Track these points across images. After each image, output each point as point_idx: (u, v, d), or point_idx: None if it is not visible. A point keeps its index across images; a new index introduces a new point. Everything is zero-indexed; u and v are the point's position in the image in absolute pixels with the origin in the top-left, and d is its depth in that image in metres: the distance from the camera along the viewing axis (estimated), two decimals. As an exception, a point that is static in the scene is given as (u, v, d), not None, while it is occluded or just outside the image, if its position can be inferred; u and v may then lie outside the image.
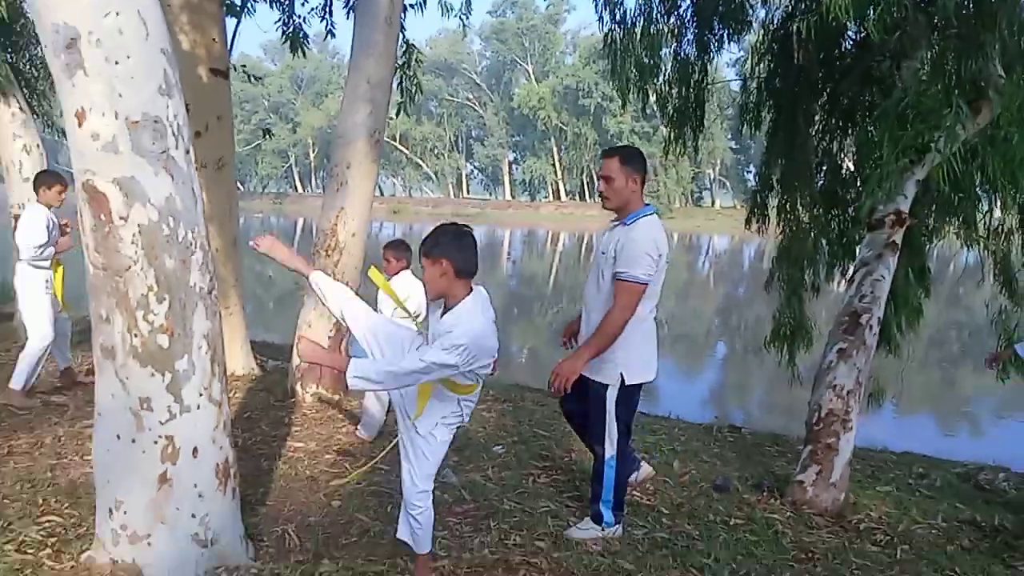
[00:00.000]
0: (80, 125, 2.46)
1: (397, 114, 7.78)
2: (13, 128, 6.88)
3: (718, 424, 6.30)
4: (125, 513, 2.76)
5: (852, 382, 4.14)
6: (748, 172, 61.46)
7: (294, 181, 75.23)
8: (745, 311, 18.88)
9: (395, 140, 60.38)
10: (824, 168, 5.52)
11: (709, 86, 5.82)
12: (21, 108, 7.00)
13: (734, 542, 3.58)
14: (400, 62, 6.64)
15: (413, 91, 7.84)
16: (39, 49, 8.59)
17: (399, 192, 73.45)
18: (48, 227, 5.08)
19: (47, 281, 5.17)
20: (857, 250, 4.81)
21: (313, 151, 70.06)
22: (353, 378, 2.56)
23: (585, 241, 41.35)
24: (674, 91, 5.63)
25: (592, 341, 3.26)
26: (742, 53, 7.24)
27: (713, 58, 5.66)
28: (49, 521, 3.23)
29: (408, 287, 4.66)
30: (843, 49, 5.08)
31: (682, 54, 5.50)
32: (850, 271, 4.57)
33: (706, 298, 22.41)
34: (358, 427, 4.83)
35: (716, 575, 3.21)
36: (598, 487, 3.49)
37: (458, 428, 2.90)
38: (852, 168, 5.53)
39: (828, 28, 3.82)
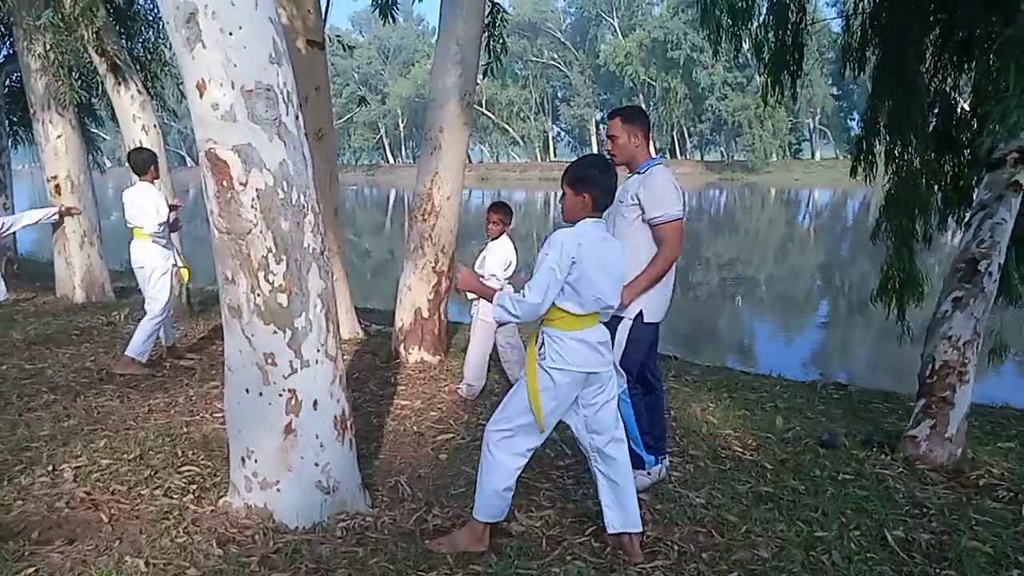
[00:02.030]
0: (201, 96, 2.64)
1: (485, 76, 7.81)
2: (133, 110, 7.35)
3: (822, 381, 6.13)
4: (256, 461, 2.99)
5: (969, 332, 3.94)
6: (851, 120, 58.15)
7: (385, 152, 76.78)
8: (848, 268, 18.07)
9: (481, 106, 60.37)
10: (936, 108, 5.21)
11: (808, 27, 5.55)
12: (139, 91, 7.47)
13: (843, 497, 3.51)
14: (486, 22, 6.65)
15: (499, 52, 7.85)
16: (151, 33, 9.13)
17: (486, 158, 73.76)
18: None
19: (171, 259, 5.47)
20: (974, 194, 4.53)
21: (402, 121, 71.15)
22: (497, 307, 2.71)
23: (676, 200, 40.39)
24: (770, 35, 5.41)
25: (643, 277, 3.33)
26: (844, -10, 6.85)
27: (812, -4, 5.40)
28: (189, 470, 3.53)
29: (508, 251, 4.81)
30: (959, -24, 4.73)
31: (779, -6, 5.26)
32: (967, 217, 4.32)
33: (806, 255, 21.57)
34: (460, 385, 5.00)
35: (825, 529, 3.16)
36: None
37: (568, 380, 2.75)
38: (968, 107, 5.19)
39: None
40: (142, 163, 5.43)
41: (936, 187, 5.20)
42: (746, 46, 5.66)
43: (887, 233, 5.28)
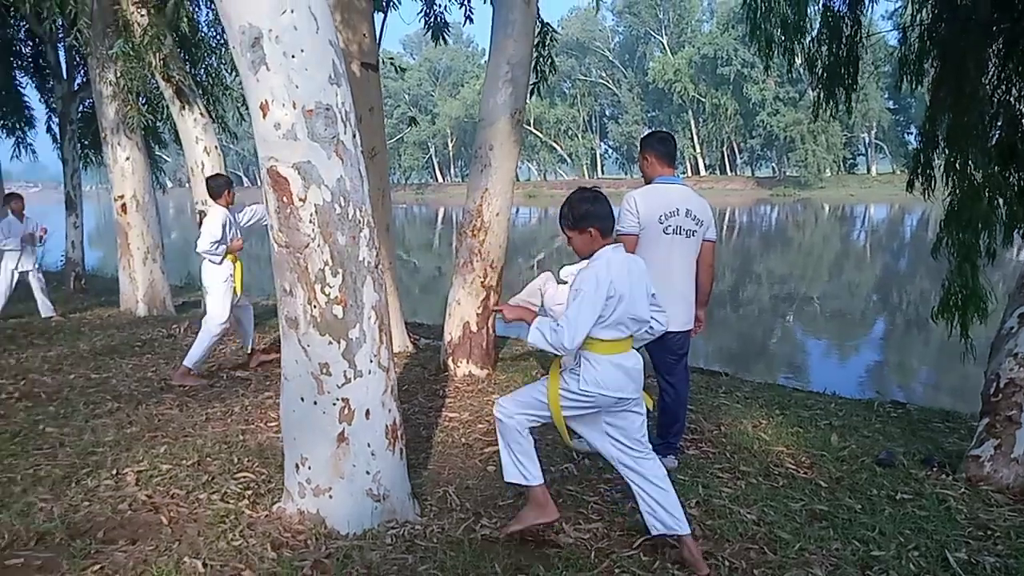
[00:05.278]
0: (264, 116, 2.75)
1: (533, 95, 7.92)
2: (196, 132, 7.66)
3: (879, 400, 5.96)
4: (309, 468, 3.07)
5: (1037, 349, 3.79)
6: (908, 134, 56.67)
7: (434, 171, 77.83)
8: (907, 284, 17.55)
9: (529, 124, 60.77)
10: (999, 120, 5.05)
11: (863, 40, 5.47)
12: (202, 113, 7.78)
13: (901, 516, 3.41)
14: (535, 42, 6.75)
15: (547, 72, 7.95)
16: (214, 60, 9.51)
17: (534, 176, 74.07)
18: (225, 227, 5.61)
19: (229, 275, 5.72)
20: (1042, 207, 4.39)
21: (451, 140, 72.10)
22: (534, 330, 2.76)
23: (727, 216, 39.93)
24: (823, 49, 5.35)
25: None
26: (899, 2, 6.75)
27: (867, 10, 5.33)
28: (244, 476, 3.64)
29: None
30: (1020, -14, 4.62)
31: (832, 7, 5.21)
32: (1033, 230, 4.18)
33: (862, 270, 21.02)
34: None
35: (882, 548, 3.08)
36: None
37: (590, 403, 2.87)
38: (1034, 118, 5.03)
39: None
40: (216, 188, 5.75)
41: (1000, 200, 5.03)
42: (798, 61, 5.61)
43: (949, 248, 5.13)
